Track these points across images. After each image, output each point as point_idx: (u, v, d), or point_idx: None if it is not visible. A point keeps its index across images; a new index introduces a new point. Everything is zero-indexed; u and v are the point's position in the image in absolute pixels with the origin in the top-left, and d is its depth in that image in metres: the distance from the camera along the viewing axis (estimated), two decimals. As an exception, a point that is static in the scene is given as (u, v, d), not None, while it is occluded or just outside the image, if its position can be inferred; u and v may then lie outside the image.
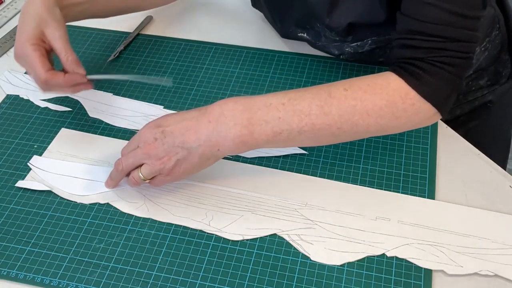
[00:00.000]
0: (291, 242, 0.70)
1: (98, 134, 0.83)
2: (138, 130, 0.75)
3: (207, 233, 0.71)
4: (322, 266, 0.67)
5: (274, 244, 0.69)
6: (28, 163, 0.78)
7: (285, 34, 0.92)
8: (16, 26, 1.01)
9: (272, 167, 0.78)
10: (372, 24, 0.76)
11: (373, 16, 0.75)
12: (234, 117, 0.67)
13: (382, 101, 0.67)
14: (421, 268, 0.67)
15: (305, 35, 0.86)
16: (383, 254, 0.68)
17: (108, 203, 0.74)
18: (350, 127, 0.68)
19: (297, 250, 0.69)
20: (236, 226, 0.71)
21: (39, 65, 0.74)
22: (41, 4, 0.78)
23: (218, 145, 0.67)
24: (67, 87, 0.77)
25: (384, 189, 0.75)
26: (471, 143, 0.81)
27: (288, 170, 0.77)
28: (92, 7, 0.85)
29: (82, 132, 0.83)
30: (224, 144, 0.67)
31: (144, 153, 0.69)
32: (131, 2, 0.91)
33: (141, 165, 0.70)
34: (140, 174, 0.70)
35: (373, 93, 0.67)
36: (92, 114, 0.86)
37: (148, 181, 0.71)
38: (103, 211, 0.73)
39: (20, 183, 0.76)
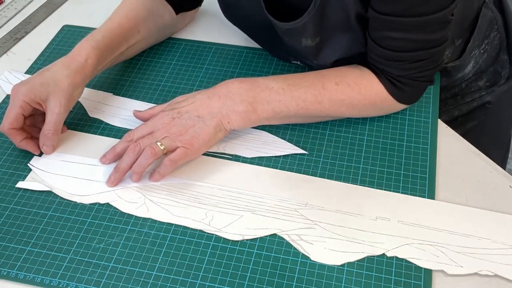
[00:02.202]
0: (291, 242, 0.70)
1: (98, 134, 0.83)
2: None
3: (207, 233, 0.71)
4: (322, 266, 0.67)
5: (274, 244, 0.69)
6: (28, 164, 0.78)
7: (278, 58, 0.93)
8: (16, 26, 1.02)
9: (272, 167, 0.78)
10: (357, 54, 0.80)
11: (356, 50, 0.79)
12: (240, 95, 0.75)
13: (366, 101, 0.78)
14: (421, 268, 0.67)
15: (298, 62, 0.91)
16: (383, 254, 0.68)
17: (108, 203, 0.74)
18: (337, 114, 0.80)
19: (297, 250, 0.69)
20: (236, 226, 0.71)
21: (10, 119, 0.76)
22: (70, 76, 0.78)
23: (228, 117, 0.75)
24: (17, 146, 0.79)
25: (384, 189, 0.75)
26: (470, 143, 0.81)
27: (288, 170, 0.77)
28: (109, 65, 0.87)
29: (82, 132, 0.83)
30: (233, 117, 0.75)
31: (164, 132, 0.74)
32: (141, 48, 0.94)
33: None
34: (161, 146, 0.73)
35: (359, 93, 0.78)
36: (92, 114, 0.86)
37: (166, 152, 0.73)
38: (103, 211, 0.73)
39: (20, 184, 0.76)
